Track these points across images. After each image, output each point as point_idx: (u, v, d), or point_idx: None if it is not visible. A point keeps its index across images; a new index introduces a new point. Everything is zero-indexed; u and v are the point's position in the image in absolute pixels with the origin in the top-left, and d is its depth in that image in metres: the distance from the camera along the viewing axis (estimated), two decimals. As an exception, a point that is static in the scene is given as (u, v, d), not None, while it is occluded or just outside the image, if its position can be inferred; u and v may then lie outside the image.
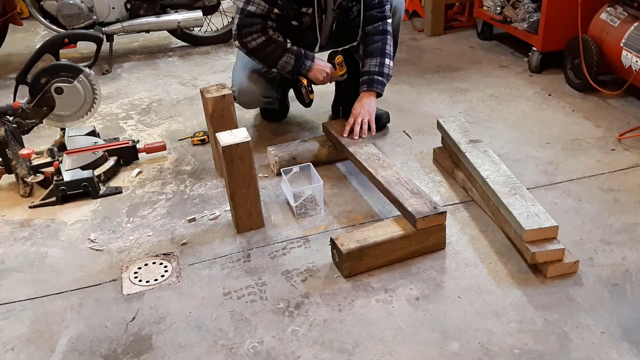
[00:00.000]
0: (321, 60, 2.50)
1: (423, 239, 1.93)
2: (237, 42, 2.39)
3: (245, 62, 2.60)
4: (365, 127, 2.44)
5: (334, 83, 2.86)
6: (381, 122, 2.80)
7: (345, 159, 2.51)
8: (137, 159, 2.67)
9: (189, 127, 2.99)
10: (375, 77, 2.51)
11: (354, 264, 1.87)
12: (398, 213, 2.03)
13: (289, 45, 2.39)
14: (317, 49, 2.52)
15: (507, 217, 1.94)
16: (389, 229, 1.93)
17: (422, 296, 1.79)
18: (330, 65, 2.52)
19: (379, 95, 2.54)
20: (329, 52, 2.60)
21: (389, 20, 2.56)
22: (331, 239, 1.91)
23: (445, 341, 1.63)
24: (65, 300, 1.87)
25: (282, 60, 2.40)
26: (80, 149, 2.58)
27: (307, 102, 2.58)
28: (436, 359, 1.58)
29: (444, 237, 1.97)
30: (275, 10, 2.34)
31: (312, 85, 2.55)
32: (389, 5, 2.57)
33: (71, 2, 3.76)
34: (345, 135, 2.43)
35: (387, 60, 2.52)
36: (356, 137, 2.41)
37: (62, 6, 3.76)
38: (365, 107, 2.48)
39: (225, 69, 3.75)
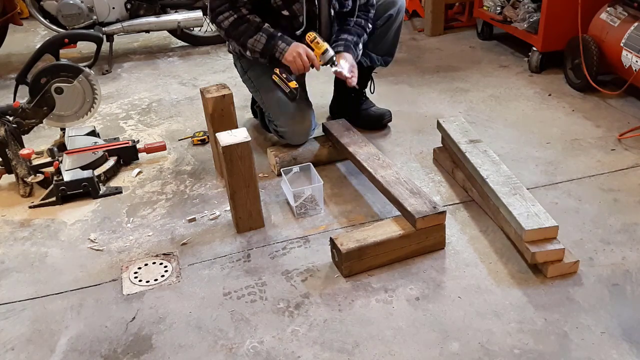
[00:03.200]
0: (297, 44, 2.32)
1: (423, 238, 1.93)
2: (214, 26, 2.40)
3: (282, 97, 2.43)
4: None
5: (332, 86, 2.85)
6: (384, 120, 2.80)
7: (345, 159, 2.51)
8: (137, 159, 2.67)
9: (189, 127, 2.99)
10: (352, 46, 2.42)
11: (353, 264, 1.87)
12: (398, 213, 2.03)
13: (265, 25, 2.30)
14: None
15: (507, 217, 1.94)
16: (388, 229, 1.93)
17: (422, 296, 1.79)
18: (304, 46, 2.30)
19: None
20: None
21: (370, 14, 2.51)
22: (331, 238, 1.91)
23: (445, 341, 1.63)
24: (65, 300, 1.87)
25: (252, 39, 2.30)
26: (80, 149, 2.58)
27: (287, 93, 2.33)
28: (436, 359, 1.58)
29: (444, 236, 1.97)
30: None
31: (291, 75, 2.34)
32: (373, 13, 2.53)
33: (71, 2, 3.76)
34: (348, 75, 2.34)
35: (360, 45, 2.47)
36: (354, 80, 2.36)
37: (62, 6, 3.76)
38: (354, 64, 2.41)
39: (225, 69, 3.75)
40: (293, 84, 2.32)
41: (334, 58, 2.34)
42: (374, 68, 2.78)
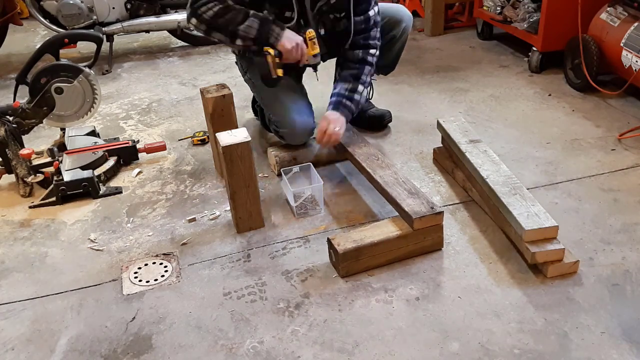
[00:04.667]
0: (292, 32, 2.21)
1: (420, 239, 1.93)
2: (193, 20, 2.18)
3: (287, 96, 2.42)
4: (336, 137, 2.31)
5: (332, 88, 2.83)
6: (384, 120, 2.79)
7: (345, 159, 2.51)
8: (137, 159, 2.67)
9: (189, 127, 2.99)
10: (344, 100, 2.35)
11: (350, 264, 1.87)
12: (398, 213, 2.03)
13: (252, 11, 2.16)
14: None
15: (507, 217, 1.94)
16: (386, 229, 1.93)
17: (422, 296, 1.79)
18: (302, 39, 2.21)
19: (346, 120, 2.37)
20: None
21: (372, 51, 2.41)
22: (328, 239, 1.91)
23: (445, 341, 1.63)
24: (65, 300, 1.87)
25: (243, 25, 2.14)
26: (80, 149, 2.58)
27: (273, 78, 2.21)
28: (436, 359, 1.58)
29: (442, 237, 1.97)
30: None
31: (281, 61, 2.21)
32: (376, 32, 2.41)
33: (71, 2, 3.76)
34: (315, 139, 2.36)
35: (360, 87, 2.38)
36: (324, 146, 2.37)
37: (62, 6, 3.76)
38: (337, 119, 2.32)
39: (225, 69, 3.76)
40: (280, 72, 2.22)
41: (318, 65, 2.36)
42: (373, 75, 2.72)
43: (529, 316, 1.69)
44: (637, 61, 2.71)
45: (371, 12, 2.38)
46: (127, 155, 2.65)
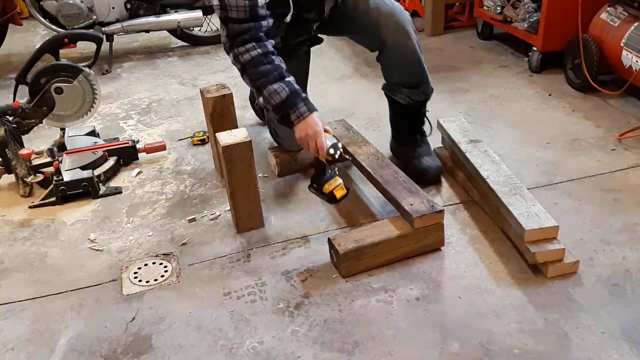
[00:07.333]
0: (317, 120, 1.93)
1: (421, 238, 1.93)
2: (230, 57, 1.97)
3: None
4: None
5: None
6: (423, 178, 2.26)
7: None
8: (137, 159, 2.67)
9: (189, 127, 2.99)
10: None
11: (351, 264, 1.87)
12: (398, 213, 2.03)
13: (289, 77, 1.95)
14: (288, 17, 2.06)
15: (507, 217, 1.94)
16: (386, 229, 1.92)
17: (422, 296, 1.79)
18: (322, 131, 1.91)
19: None
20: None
21: None
22: (329, 239, 1.91)
23: (445, 341, 1.63)
24: (65, 300, 1.87)
25: (272, 87, 1.92)
26: (80, 149, 2.58)
27: (330, 198, 1.96)
28: (436, 359, 1.58)
29: (442, 235, 1.97)
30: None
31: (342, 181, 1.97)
32: None
33: (71, 2, 3.76)
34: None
35: None
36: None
37: (62, 6, 3.76)
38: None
39: (225, 69, 3.75)
40: (340, 194, 1.95)
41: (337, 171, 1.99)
42: (424, 103, 2.39)
43: (529, 316, 1.69)
44: (637, 61, 2.71)
45: None
46: (127, 155, 2.65)
